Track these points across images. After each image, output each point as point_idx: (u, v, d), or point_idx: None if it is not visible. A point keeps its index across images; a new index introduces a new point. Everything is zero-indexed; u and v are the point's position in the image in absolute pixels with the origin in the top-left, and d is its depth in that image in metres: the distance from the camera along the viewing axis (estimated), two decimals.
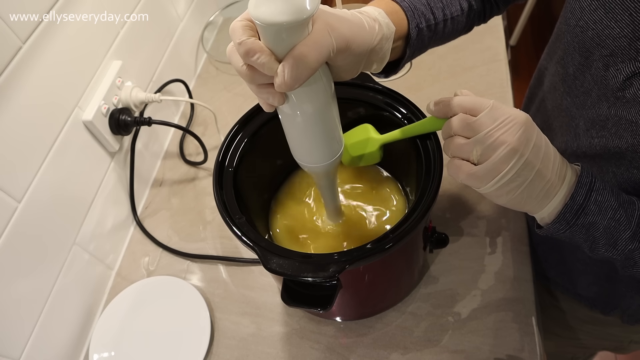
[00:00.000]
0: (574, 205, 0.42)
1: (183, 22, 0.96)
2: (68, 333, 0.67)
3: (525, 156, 0.39)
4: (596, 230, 0.42)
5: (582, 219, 0.42)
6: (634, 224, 0.42)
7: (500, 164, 0.40)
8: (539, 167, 0.40)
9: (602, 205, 0.42)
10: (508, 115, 0.40)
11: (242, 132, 0.60)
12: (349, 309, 0.64)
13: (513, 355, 0.59)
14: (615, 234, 0.42)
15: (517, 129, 0.39)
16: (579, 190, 0.42)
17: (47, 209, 0.62)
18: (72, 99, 0.66)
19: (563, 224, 0.43)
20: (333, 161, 0.48)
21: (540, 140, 0.41)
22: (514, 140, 0.39)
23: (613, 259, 0.45)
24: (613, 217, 0.42)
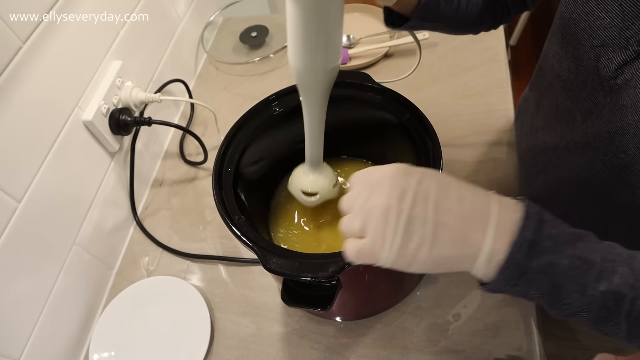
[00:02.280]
0: (523, 243, 0.35)
1: (183, 22, 0.96)
2: (68, 333, 0.67)
3: (404, 211, 0.36)
4: (555, 274, 0.35)
5: (536, 260, 0.35)
6: (598, 259, 0.35)
7: (381, 229, 0.36)
8: (434, 216, 0.36)
9: (557, 239, 0.35)
10: (376, 175, 0.38)
11: (242, 132, 0.60)
12: (349, 309, 0.64)
13: (513, 355, 0.59)
14: (580, 275, 0.35)
15: (389, 187, 0.37)
16: (526, 224, 0.35)
17: (47, 209, 0.62)
18: (72, 99, 0.66)
19: (514, 271, 0.35)
20: (325, 70, 0.46)
21: (427, 186, 0.37)
22: (382, 199, 0.36)
23: (582, 312, 0.36)
24: (573, 254, 0.35)
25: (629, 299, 0.34)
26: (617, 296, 0.34)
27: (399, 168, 0.38)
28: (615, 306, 0.35)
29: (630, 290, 0.34)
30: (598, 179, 0.47)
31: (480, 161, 0.76)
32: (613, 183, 0.45)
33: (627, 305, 0.34)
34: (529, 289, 0.36)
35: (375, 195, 0.37)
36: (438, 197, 0.36)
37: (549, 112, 0.57)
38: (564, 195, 0.55)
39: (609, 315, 0.35)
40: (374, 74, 0.63)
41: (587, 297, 0.35)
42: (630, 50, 0.40)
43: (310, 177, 0.58)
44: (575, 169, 0.51)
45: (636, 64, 0.40)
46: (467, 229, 0.36)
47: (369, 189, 0.38)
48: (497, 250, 0.35)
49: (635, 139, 0.41)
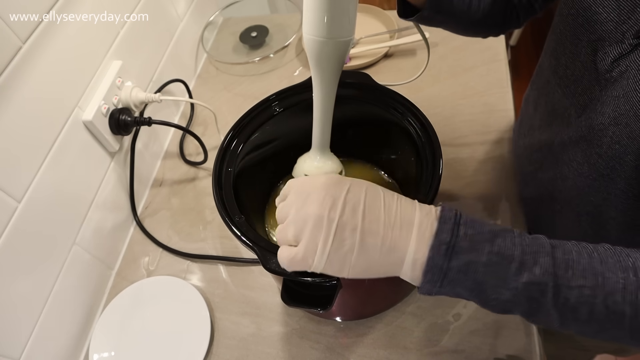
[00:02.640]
0: (440, 246, 0.36)
1: (183, 22, 0.96)
2: (68, 333, 0.67)
3: (335, 220, 0.38)
4: (476, 272, 0.36)
5: (455, 260, 0.36)
6: (518, 252, 0.36)
7: (314, 237, 0.38)
8: (362, 224, 0.38)
9: (474, 238, 0.36)
10: (309, 185, 0.40)
11: (242, 132, 0.60)
12: (349, 309, 0.64)
13: (513, 355, 0.59)
14: (501, 270, 0.36)
15: (319, 195, 0.39)
16: (442, 227, 0.37)
17: (47, 209, 0.62)
18: (72, 99, 0.66)
19: (436, 273, 0.36)
20: (340, 41, 0.46)
21: (356, 195, 0.39)
22: (314, 208, 0.38)
23: (512, 306, 0.37)
24: (492, 251, 0.36)
25: (551, 287, 0.36)
26: (540, 286, 0.36)
27: (331, 178, 0.40)
28: (540, 296, 0.36)
29: (552, 278, 0.36)
30: (594, 172, 0.47)
31: (480, 161, 0.77)
32: (609, 175, 0.46)
33: (551, 293, 0.36)
34: (455, 289, 0.37)
35: (307, 205, 0.39)
36: (366, 206, 0.39)
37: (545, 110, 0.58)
38: (561, 192, 0.56)
39: (538, 306, 0.36)
40: (374, 74, 0.63)
41: (512, 290, 0.36)
42: (626, 44, 0.41)
43: (316, 162, 0.58)
44: (571, 165, 0.51)
45: (631, 56, 0.40)
46: (393, 236, 0.38)
47: (303, 198, 0.40)
48: (418, 255, 0.37)
49: (628, 129, 0.41)
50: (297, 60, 0.99)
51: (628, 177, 0.44)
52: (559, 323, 0.37)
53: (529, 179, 0.65)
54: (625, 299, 0.35)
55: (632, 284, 0.35)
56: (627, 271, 0.36)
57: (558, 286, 0.36)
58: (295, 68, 0.98)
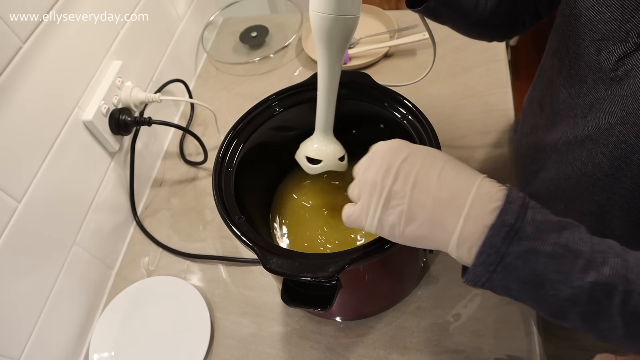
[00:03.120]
0: (502, 227, 0.33)
1: (183, 22, 0.96)
2: (68, 333, 0.67)
3: (386, 187, 0.39)
4: (537, 261, 0.33)
5: (516, 245, 0.33)
6: (586, 249, 0.33)
7: (367, 199, 0.40)
8: (411, 194, 0.38)
9: (541, 225, 0.34)
10: (374, 150, 0.42)
11: (242, 132, 0.60)
12: (349, 309, 0.64)
13: (513, 355, 0.59)
14: (565, 264, 0.33)
15: (377, 161, 0.40)
16: (507, 207, 0.34)
17: (47, 209, 0.62)
18: (72, 99, 0.66)
19: (492, 255, 0.34)
20: (348, 18, 0.47)
21: (411, 164, 0.39)
22: (371, 173, 0.40)
23: (569, 307, 0.34)
24: (558, 242, 0.33)
25: (620, 291, 0.33)
26: (608, 288, 0.33)
27: (393, 145, 0.41)
28: (605, 299, 0.33)
29: (622, 282, 0.33)
30: (599, 172, 0.47)
31: (480, 161, 0.77)
32: (614, 175, 0.46)
33: (619, 297, 0.33)
34: (509, 278, 0.34)
35: (369, 169, 0.41)
36: (419, 176, 0.38)
37: (550, 110, 0.57)
38: (564, 191, 0.55)
39: (600, 311, 0.33)
40: (374, 74, 0.63)
41: (574, 289, 0.33)
42: (630, 43, 0.41)
43: (317, 145, 0.58)
44: (575, 164, 0.51)
45: (636, 55, 0.40)
46: (441, 210, 0.37)
47: (369, 161, 0.42)
48: (469, 235, 0.35)
49: (636, 128, 0.41)
50: (297, 60, 0.99)
51: (634, 177, 0.43)
52: (622, 333, 0.33)
53: (530, 179, 0.65)
54: None
55: None
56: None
57: (629, 292, 0.32)
58: (295, 68, 0.98)
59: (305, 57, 0.98)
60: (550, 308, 0.35)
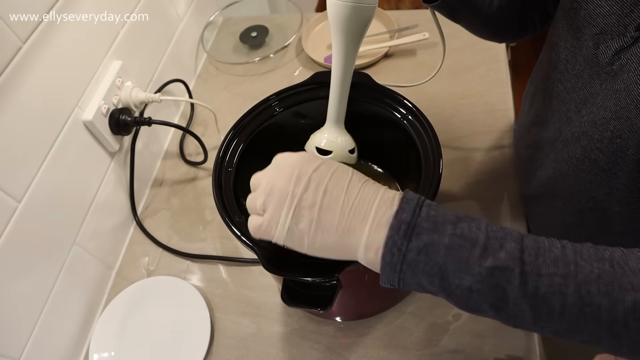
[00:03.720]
0: (400, 225, 0.35)
1: (183, 22, 0.96)
2: (68, 333, 0.67)
3: (297, 195, 0.39)
4: (437, 253, 0.34)
5: (415, 241, 0.35)
6: (482, 237, 0.35)
7: (277, 209, 0.39)
8: (321, 202, 0.38)
9: (436, 219, 0.36)
10: (283, 159, 0.42)
11: (242, 132, 0.60)
12: (349, 309, 0.64)
13: (513, 355, 0.59)
14: (463, 253, 0.34)
15: (289, 171, 0.40)
16: (403, 207, 0.36)
17: (47, 209, 0.62)
18: (72, 99, 0.66)
19: (395, 254, 0.35)
20: (367, 7, 0.47)
21: (322, 174, 0.39)
22: (282, 182, 0.40)
23: (477, 297, 0.35)
24: (454, 233, 0.35)
25: (517, 273, 0.33)
26: (506, 272, 0.34)
27: (303, 156, 0.41)
28: (507, 284, 0.34)
29: (518, 264, 0.34)
30: (595, 167, 0.47)
31: (480, 161, 0.77)
32: (610, 170, 0.46)
33: (517, 280, 0.33)
34: (417, 275, 0.35)
35: (277, 177, 0.40)
36: (328, 185, 0.39)
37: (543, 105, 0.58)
38: (562, 189, 0.56)
39: (506, 297, 0.34)
40: (374, 74, 0.63)
41: (475, 276, 0.34)
42: (627, 37, 0.41)
43: (327, 135, 0.58)
44: (571, 161, 0.51)
45: (632, 49, 0.40)
46: (349, 218, 0.38)
47: (276, 171, 0.41)
48: (375, 239, 0.37)
49: (629, 122, 0.41)
50: (297, 60, 0.99)
51: (630, 171, 0.44)
52: (532, 318, 0.34)
53: (529, 178, 0.65)
54: (601, 289, 0.33)
55: (607, 274, 0.33)
56: (602, 261, 0.34)
57: (525, 273, 0.33)
58: (295, 68, 0.98)
59: (305, 57, 0.98)
60: (461, 300, 0.36)
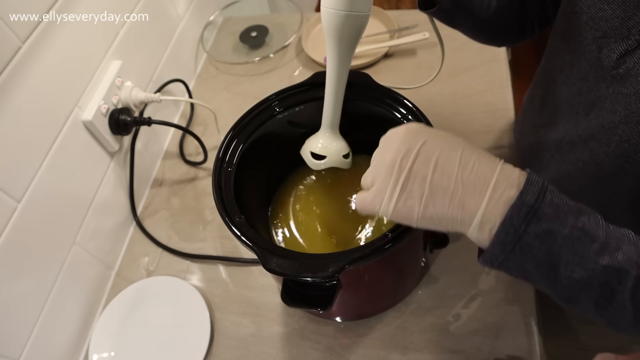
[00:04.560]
0: (522, 207, 0.34)
1: (183, 22, 0.96)
2: (68, 333, 0.67)
3: (405, 168, 0.38)
4: (554, 242, 0.34)
5: (535, 225, 0.34)
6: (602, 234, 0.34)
7: (384, 182, 0.39)
8: (432, 176, 0.37)
9: (560, 208, 0.35)
10: (391, 133, 0.41)
11: (242, 132, 0.60)
12: (349, 309, 0.64)
13: (513, 355, 0.59)
14: (581, 246, 0.34)
15: (394, 144, 0.39)
16: (528, 188, 0.35)
17: (46, 209, 0.62)
18: (72, 99, 0.66)
19: (510, 235, 0.35)
20: (360, 16, 0.47)
21: (431, 147, 0.38)
22: (390, 156, 0.39)
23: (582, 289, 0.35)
24: (575, 225, 0.34)
25: (633, 277, 0.33)
26: (620, 273, 0.34)
27: (411, 127, 0.40)
28: (618, 284, 0.34)
29: (635, 267, 0.33)
30: (601, 171, 0.47)
31: None
32: (616, 174, 0.45)
33: (631, 282, 0.33)
34: (524, 259, 0.35)
35: (385, 152, 0.40)
36: (440, 158, 0.38)
37: (552, 108, 0.58)
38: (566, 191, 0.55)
39: (612, 295, 0.34)
40: (374, 74, 0.63)
41: (587, 271, 0.34)
42: (632, 40, 0.41)
43: (322, 140, 0.59)
44: (577, 164, 0.51)
45: (638, 52, 0.40)
46: (464, 193, 0.37)
47: (384, 146, 0.41)
48: (491, 216, 0.36)
49: (639, 127, 0.41)
50: (297, 60, 0.99)
51: (636, 176, 0.43)
52: (632, 320, 0.34)
53: None
54: None
55: None
56: None
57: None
58: (295, 68, 0.98)
59: (305, 57, 0.97)
60: (564, 291, 0.36)
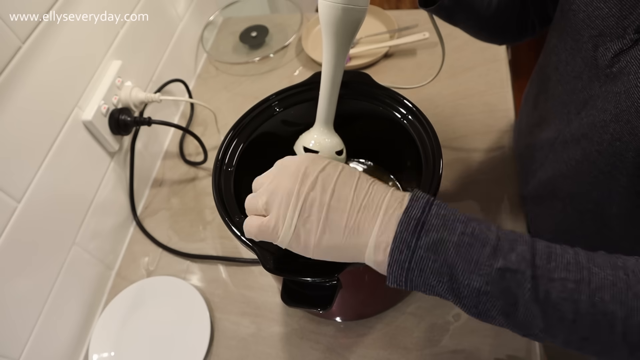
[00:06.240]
0: (410, 221, 0.35)
1: (183, 22, 0.96)
2: (68, 333, 0.67)
3: (303, 194, 0.38)
4: (447, 251, 0.34)
5: (425, 237, 0.35)
6: (493, 237, 0.34)
7: (283, 209, 0.39)
8: (330, 201, 0.38)
9: (447, 218, 0.35)
10: (288, 160, 0.42)
11: (242, 132, 0.60)
12: (349, 309, 0.64)
13: (513, 356, 0.59)
14: (474, 252, 0.34)
15: (294, 170, 0.39)
16: (413, 204, 0.36)
17: (46, 209, 0.62)
18: (72, 99, 0.66)
19: (404, 251, 0.35)
20: (357, 10, 0.47)
21: (329, 174, 0.39)
22: (287, 181, 0.39)
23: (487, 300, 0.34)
24: (464, 232, 0.34)
25: (529, 276, 0.33)
26: (516, 275, 0.33)
27: (309, 157, 0.41)
28: (517, 287, 0.33)
29: (529, 267, 0.33)
30: (595, 170, 0.47)
31: (480, 161, 0.76)
32: (609, 173, 0.46)
33: (529, 283, 0.33)
34: (425, 273, 0.35)
35: (282, 177, 0.40)
36: (336, 185, 0.39)
37: (545, 107, 0.58)
38: (561, 190, 0.56)
39: (516, 301, 0.33)
40: (374, 74, 0.63)
41: (484, 277, 0.33)
42: (626, 39, 0.41)
43: (316, 136, 0.58)
44: (571, 163, 0.51)
45: (632, 51, 0.40)
46: (358, 217, 0.38)
47: (279, 172, 0.41)
48: (384, 236, 0.36)
49: (629, 125, 0.41)
50: (297, 60, 0.99)
51: (630, 174, 0.44)
52: (543, 325, 0.33)
53: (529, 179, 0.65)
54: (615, 297, 0.31)
55: (622, 281, 0.32)
56: (616, 269, 0.33)
57: (537, 277, 0.33)
58: (295, 68, 0.98)
59: (305, 57, 0.97)
60: (471, 304, 0.35)
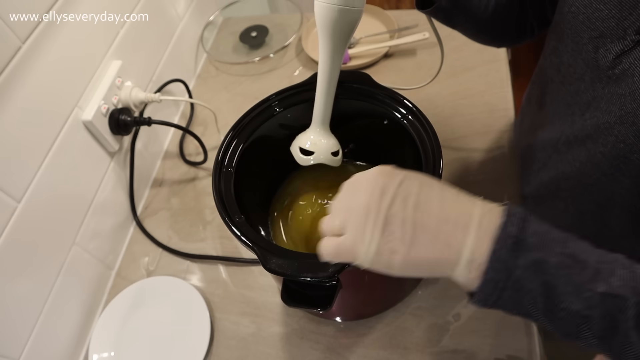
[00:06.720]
0: (506, 239, 0.33)
1: (183, 22, 0.96)
2: (68, 333, 0.67)
3: (383, 210, 0.36)
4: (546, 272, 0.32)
5: (523, 257, 0.32)
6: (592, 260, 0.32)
7: (362, 227, 0.36)
8: (414, 216, 0.35)
9: (544, 236, 0.33)
10: (360, 176, 0.39)
11: (242, 132, 0.60)
12: (349, 309, 0.64)
13: (513, 356, 0.59)
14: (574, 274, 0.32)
15: (369, 186, 0.37)
16: (509, 220, 0.34)
17: (46, 209, 0.62)
18: (72, 99, 0.66)
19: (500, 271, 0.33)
20: (352, 11, 0.47)
21: (408, 187, 0.37)
22: (363, 199, 0.37)
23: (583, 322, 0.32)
24: (564, 252, 0.33)
25: (633, 303, 0.31)
26: (618, 300, 0.32)
27: (383, 169, 0.39)
28: (619, 312, 0.32)
29: (633, 294, 0.32)
30: (598, 171, 0.47)
31: (480, 161, 0.76)
32: (613, 175, 0.45)
33: (633, 310, 0.31)
34: (519, 295, 0.33)
35: (357, 195, 0.38)
36: (419, 198, 0.36)
37: (550, 108, 0.58)
38: (564, 191, 0.56)
39: (615, 326, 0.32)
40: (374, 74, 0.63)
41: (585, 301, 0.32)
42: (628, 40, 0.41)
43: (312, 137, 0.59)
44: (574, 164, 0.51)
45: (634, 53, 0.40)
46: (447, 231, 0.35)
47: (353, 189, 0.39)
48: (478, 252, 0.34)
49: (634, 127, 0.41)
50: (297, 60, 0.99)
51: (633, 176, 0.43)
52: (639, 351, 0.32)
53: (530, 178, 0.65)
54: None
55: None
56: None
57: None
58: (295, 68, 0.98)
59: (305, 57, 0.97)
60: (564, 325, 0.34)
